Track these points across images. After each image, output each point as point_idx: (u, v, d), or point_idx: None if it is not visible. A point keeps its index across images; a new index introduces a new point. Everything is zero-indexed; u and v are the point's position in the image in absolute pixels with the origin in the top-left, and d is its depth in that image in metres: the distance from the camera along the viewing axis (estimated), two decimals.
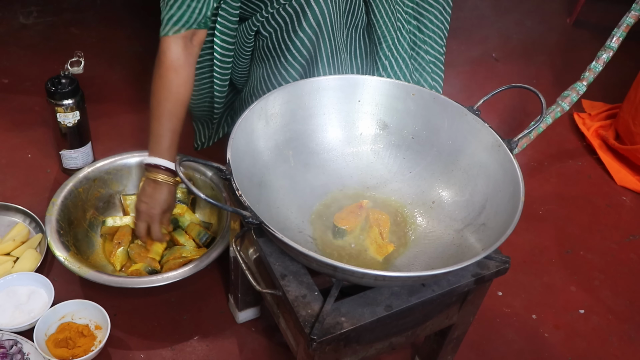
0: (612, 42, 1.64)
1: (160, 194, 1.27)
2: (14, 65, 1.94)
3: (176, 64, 1.21)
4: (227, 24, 1.35)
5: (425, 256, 1.04)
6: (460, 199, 1.10)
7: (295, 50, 1.32)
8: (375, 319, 0.90)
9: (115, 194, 1.47)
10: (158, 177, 1.25)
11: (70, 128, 1.47)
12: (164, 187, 1.27)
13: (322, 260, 0.83)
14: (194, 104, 1.57)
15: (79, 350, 1.19)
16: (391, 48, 1.43)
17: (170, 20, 1.19)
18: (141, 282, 1.24)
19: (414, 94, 1.15)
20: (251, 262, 1.09)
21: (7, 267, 1.32)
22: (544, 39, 2.45)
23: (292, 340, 1.03)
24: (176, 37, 1.20)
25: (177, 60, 1.21)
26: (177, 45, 1.21)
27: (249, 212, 0.89)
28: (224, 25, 1.35)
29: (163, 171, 1.25)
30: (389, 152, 1.18)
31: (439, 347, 1.18)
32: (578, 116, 2.01)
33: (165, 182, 1.26)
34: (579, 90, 1.69)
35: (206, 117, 1.64)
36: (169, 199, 1.29)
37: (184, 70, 1.23)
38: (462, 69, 2.13)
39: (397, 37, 1.43)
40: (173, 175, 1.27)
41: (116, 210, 1.47)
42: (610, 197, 1.77)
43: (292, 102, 1.12)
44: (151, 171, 1.26)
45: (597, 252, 1.59)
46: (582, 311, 1.44)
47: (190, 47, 1.23)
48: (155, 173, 1.26)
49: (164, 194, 1.27)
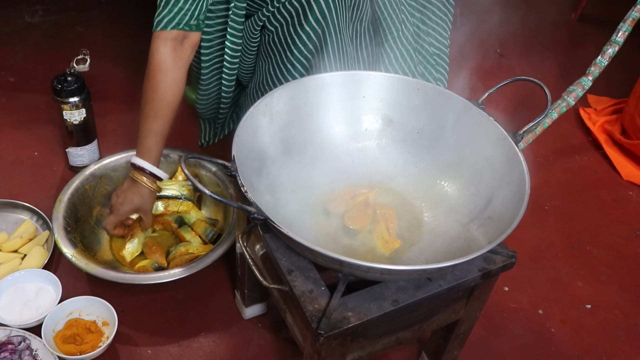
0: (617, 37, 1.63)
1: (133, 193, 1.28)
2: (19, 64, 1.94)
3: (164, 66, 1.21)
4: (235, 25, 1.35)
5: (431, 250, 1.04)
6: (466, 193, 1.10)
7: (302, 44, 1.32)
8: (382, 313, 0.90)
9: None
10: (135, 176, 1.27)
11: (76, 126, 1.48)
12: (139, 188, 1.28)
13: (328, 255, 0.83)
14: (203, 106, 1.57)
15: (87, 347, 1.20)
16: (396, 40, 1.43)
17: (160, 21, 1.19)
18: (148, 278, 1.25)
19: (418, 89, 1.15)
20: (257, 258, 1.10)
21: (14, 264, 1.33)
22: (549, 34, 2.44)
23: (299, 336, 1.04)
24: (165, 39, 1.21)
25: (164, 62, 1.21)
26: (166, 47, 1.21)
27: (255, 208, 0.89)
28: (233, 27, 1.35)
29: (142, 173, 1.26)
30: (394, 147, 1.18)
31: (446, 342, 1.18)
32: (584, 111, 2.01)
33: (141, 183, 1.27)
34: (585, 85, 1.69)
35: (213, 117, 1.64)
36: (141, 201, 1.29)
37: (172, 72, 1.22)
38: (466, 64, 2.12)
39: (402, 29, 1.43)
40: (152, 179, 1.27)
41: None
42: (617, 192, 1.77)
43: (296, 99, 1.12)
44: (132, 170, 1.28)
45: (603, 247, 1.59)
46: (588, 306, 1.44)
47: (181, 50, 1.23)
48: (134, 173, 1.27)
49: (136, 195, 1.28)
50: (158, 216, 1.44)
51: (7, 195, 1.50)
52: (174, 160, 1.49)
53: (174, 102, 1.25)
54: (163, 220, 1.43)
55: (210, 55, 1.43)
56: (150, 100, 1.23)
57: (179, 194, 1.45)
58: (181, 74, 1.24)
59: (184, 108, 1.84)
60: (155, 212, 1.42)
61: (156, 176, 1.27)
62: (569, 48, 2.38)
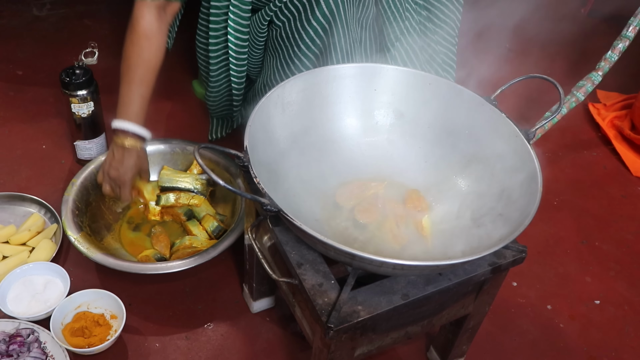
0: (628, 31, 1.62)
1: (129, 159, 1.28)
2: (27, 57, 1.94)
3: (149, 32, 1.24)
4: (240, 20, 1.35)
5: (442, 246, 1.03)
6: (477, 189, 1.09)
7: (309, 39, 1.32)
8: (391, 307, 0.90)
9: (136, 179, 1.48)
10: (125, 142, 1.26)
11: (84, 119, 1.48)
12: (132, 153, 1.28)
13: (340, 248, 0.83)
14: (213, 104, 1.57)
15: (95, 339, 1.20)
16: (399, 38, 1.42)
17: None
18: (153, 268, 1.25)
19: (430, 84, 1.14)
20: (266, 251, 1.10)
21: (23, 257, 1.33)
22: (558, 29, 2.42)
23: (307, 330, 1.04)
24: (149, 6, 1.23)
25: (149, 29, 1.24)
26: (151, 14, 1.24)
27: (267, 199, 0.89)
28: (237, 22, 1.34)
29: (131, 136, 1.26)
30: (404, 141, 1.18)
31: (455, 336, 1.18)
32: (593, 107, 2.00)
33: (133, 147, 1.27)
34: (594, 80, 1.68)
35: (225, 114, 1.64)
36: (138, 163, 1.30)
37: (156, 38, 1.25)
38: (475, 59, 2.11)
39: (407, 27, 1.42)
40: (140, 140, 1.28)
41: None
42: (626, 187, 1.76)
43: (308, 90, 1.11)
44: (119, 136, 1.27)
45: (612, 242, 1.58)
46: (597, 302, 1.43)
47: (164, 16, 1.26)
48: (122, 138, 1.26)
49: (133, 159, 1.28)
50: (168, 207, 1.43)
51: (15, 189, 1.50)
52: (190, 152, 1.50)
53: (157, 67, 1.28)
54: (173, 212, 1.43)
55: (218, 52, 1.43)
56: (136, 66, 1.25)
57: (192, 187, 1.44)
58: (164, 40, 1.28)
59: (193, 103, 1.84)
60: (166, 204, 1.42)
61: (142, 138, 1.29)
62: (578, 43, 2.37)
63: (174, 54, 2.00)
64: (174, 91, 1.86)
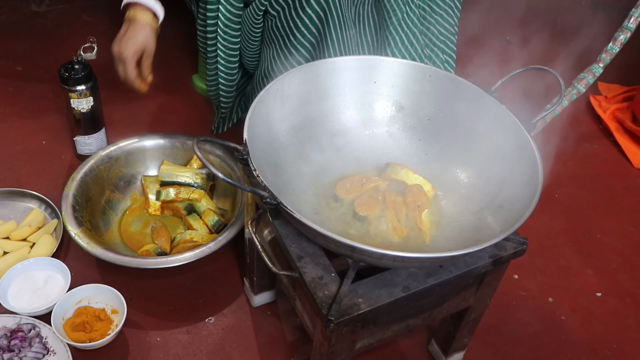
0: (629, 23, 1.62)
1: (133, 32, 1.24)
2: (26, 53, 1.94)
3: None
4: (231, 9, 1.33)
5: (442, 238, 1.03)
6: (477, 181, 1.09)
7: (304, 27, 1.31)
8: (392, 300, 0.90)
9: (137, 174, 1.49)
10: (136, 15, 1.22)
11: (84, 114, 1.47)
12: (137, 26, 1.23)
13: (340, 240, 0.83)
14: (210, 90, 1.56)
15: (96, 334, 1.20)
16: (401, 23, 1.41)
17: None
18: (154, 262, 1.24)
19: (430, 76, 1.14)
20: (266, 245, 1.09)
21: (23, 253, 1.33)
22: (559, 20, 2.42)
23: (308, 323, 1.03)
24: None
25: None
26: None
27: (267, 192, 0.88)
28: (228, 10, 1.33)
29: (141, 8, 1.22)
30: (405, 134, 1.17)
31: (456, 329, 1.17)
32: (594, 99, 1.99)
33: (141, 22, 1.22)
34: (596, 72, 1.67)
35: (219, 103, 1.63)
36: (144, 40, 1.25)
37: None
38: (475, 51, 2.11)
39: (407, 11, 1.41)
40: (151, 15, 1.23)
41: (137, 190, 1.49)
42: (627, 179, 1.76)
43: (307, 83, 1.11)
44: (129, 9, 1.23)
45: (613, 235, 1.58)
46: (599, 294, 1.43)
47: None
48: (133, 11, 1.23)
49: (137, 35, 1.24)
50: (169, 202, 1.43)
51: (15, 184, 1.50)
52: (190, 146, 1.50)
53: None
54: (173, 207, 1.43)
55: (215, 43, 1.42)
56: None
57: (192, 182, 1.44)
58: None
59: (193, 97, 1.83)
60: (166, 198, 1.42)
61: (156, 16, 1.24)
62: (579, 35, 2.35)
63: (173, 48, 2.00)
64: (174, 86, 1.86)
